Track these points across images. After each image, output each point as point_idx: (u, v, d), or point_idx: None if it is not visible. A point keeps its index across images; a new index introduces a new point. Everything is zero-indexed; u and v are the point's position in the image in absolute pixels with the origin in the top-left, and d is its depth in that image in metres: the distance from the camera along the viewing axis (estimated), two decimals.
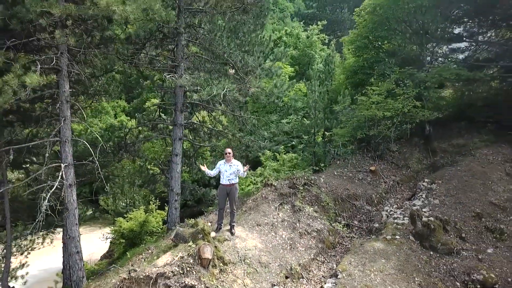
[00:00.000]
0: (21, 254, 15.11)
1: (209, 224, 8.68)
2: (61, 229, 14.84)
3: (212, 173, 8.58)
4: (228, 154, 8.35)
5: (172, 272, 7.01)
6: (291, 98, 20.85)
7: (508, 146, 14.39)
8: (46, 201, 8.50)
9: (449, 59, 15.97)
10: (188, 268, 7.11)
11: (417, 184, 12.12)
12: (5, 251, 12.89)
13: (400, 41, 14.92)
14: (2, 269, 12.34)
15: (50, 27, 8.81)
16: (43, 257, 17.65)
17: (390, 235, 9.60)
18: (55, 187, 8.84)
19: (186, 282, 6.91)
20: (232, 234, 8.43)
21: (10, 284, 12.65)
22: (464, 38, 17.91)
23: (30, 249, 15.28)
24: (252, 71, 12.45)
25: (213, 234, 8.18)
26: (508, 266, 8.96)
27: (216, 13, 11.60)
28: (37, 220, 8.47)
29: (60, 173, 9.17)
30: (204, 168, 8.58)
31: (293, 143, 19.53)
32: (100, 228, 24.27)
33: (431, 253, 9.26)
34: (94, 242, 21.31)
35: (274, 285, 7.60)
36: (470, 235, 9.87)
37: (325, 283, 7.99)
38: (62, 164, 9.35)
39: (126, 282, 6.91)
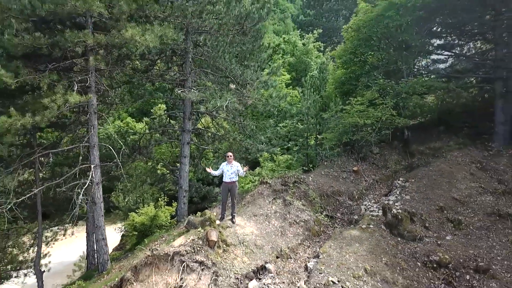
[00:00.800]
0: (46, 244, 17.01)
1: (215, 214, 10.48)
2: (72, 225, 16.80)
3: (216, 173, 10.42)
4: (229, 156, 10.19)
5: (185, 251, 8.84)
6: (287, 104, 22.65)
7: (476, 149, 16.22)
8: (81, 195, 10.34)
9: (431, 71, 17.77)
10: (198, 248, 8.95)
11: (393, 183, 13.95)
12: (37, 240, 14.80)
13: (383, 55, 16.73)
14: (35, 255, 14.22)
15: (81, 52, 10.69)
16: (56, 252, 19.43)
17: (365, 224, 11.43)
18: (87, 184, 10.70)
19: (197, 259, 8.74)
20: (233, 222, 10.28)
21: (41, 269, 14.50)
22: (444, 50, 19.80)
23: (54, 240, 17.20)
24: (250, 84, 14.30)
25: (217, 222, 10.02)
26: (462, 250, 10.78)
27: (219, 35, 13.43)
28: (74, 211, 10.30)
29: (90, 173, 11.02)
30: (209, 169, 10.44)
31: (289, 145, 21.35)
32: (111, 223, 26.18)
33: (399, 239, 11.09)
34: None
35: (267, 262, 9.43)
36: (432, 225, 11.70)
37: (309, 262, 9.83)
38: (91, 165, 11.19)
39: (150, 258, 8.75)
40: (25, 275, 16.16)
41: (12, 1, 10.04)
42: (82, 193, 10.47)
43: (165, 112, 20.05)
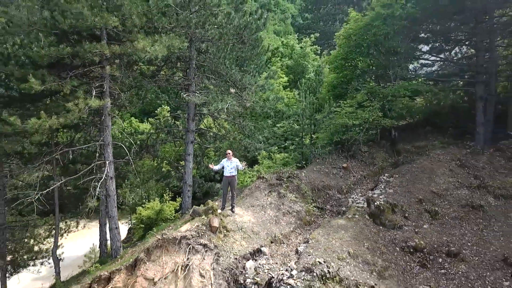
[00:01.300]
0: (61, 235, 18.32)
1: (217, 204, 11.78)
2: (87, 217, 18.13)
3: (217, 168, 11.72)
4: (229, 153, 11.51)
5: (191, 235, 10.14)
6: (284, 106, 23.96)
7: (458, 147, 17.49)
8: (98, 188, 11.66)
9: (417, 75, 19.07)
10: (202, 233, 10.26)
11: (379, 178, 15.23)
12: (52, 231, 16.14)
13: (372, 61, 18.00)
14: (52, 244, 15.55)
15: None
16: (65, 247, 20.67)
17: (351, 214, 12.72)
18: (103, 178, 12.02)
19: (201, 242, 10.05)
20: (233, 212, 11.58)
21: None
22: (430, 55, 21.07)
23: (67, 232, 18.52)
24: (249, 88, 15.60)
25: (219, 211, 11.33)
26: (436, 237, 12.07)
27: (220, 43, 14.73)
28: (91, 202, 11.61)
29: (106, 168, 12.34)
30: (211, 166, 11.76)
31: (286, 144, 22.65)
32: (118, 218, 27.51)
33: (380, 227, 12.38)
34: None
35: (262, 246, 10.73)
36: (412, 215, 12.98)
37: (299, 246, 11.13)
38: (106, 161, 12.51)
39: (160, 241, 10.07)
40: (41, 264, 17.47)
41: (37, 16, 11.39)
42: (99, 186, 11.78)
43: (169, 113, 21.34)
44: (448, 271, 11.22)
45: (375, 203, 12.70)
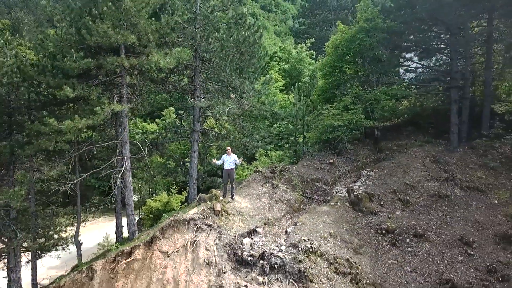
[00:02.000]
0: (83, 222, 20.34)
1: (219, 192, 13.82)
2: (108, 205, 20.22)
3: (219, 162, 13.76)
4: (228, 150, 13.57)
5: (198, 217, 12.18)
6: (280, 108, 25.99)
7: (434, 145, 19.51)
8: (119, 179, 13.71)
9: (399, 80, 21.11)
10: (207, 215, 12.29)
11: (361, 172, 17.26)
12: (73, 219, 18.20)
13: (358, 68, 20.01)
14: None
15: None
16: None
17: (334, 202, 14.76)
18: (122, 171, 14.07)
19: (206, 223, 12.08)
20: (233, 199, 13.61)
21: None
22: (412, 62, 23.11)
23: (85, 221, 20.55)
24: (247, 93, 17.64)
25: (221, 198, 13.38)
26: (406, 221, 14.07)
27: (222, 54, 16.76)
28: (113, 192, 13.65)
29: (124, 163, 14.39)
30: (214, 161, 13.83)
31: (282, 143, 24.69)
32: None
33: (358, 213, 14.41)
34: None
35: (257, 227, 12.75)
36: (386, 203, 14.99)
37: (288, 228, 13.17)
38: (124, 157, 14.56)
39: (172, 222, 12.12)
40: (63, 249, 19.50)
41: (67, 33, 13.47)
42: (119, 178, 13.85)
43: (174, 114, 23.40)
44: (413, 249, 13.25)
45: (355, 193, 14.74)
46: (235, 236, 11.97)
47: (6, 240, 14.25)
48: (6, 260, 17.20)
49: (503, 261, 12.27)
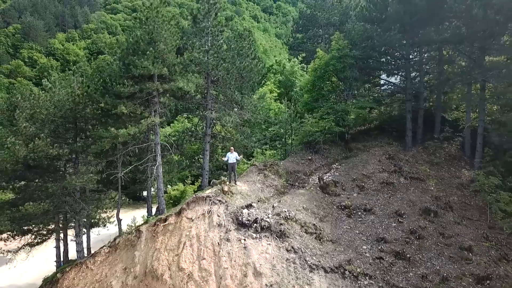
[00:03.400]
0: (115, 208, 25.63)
1: (226, 179, 19.11)
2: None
3: (225, 159, 19.07)
4: (231, 148, 18.87)
5: (212, 195, 17.42)
6: (274, 114, 31.32)
7: (392, 146, 24.72)
8: (154, 171, 19.03)
9: (366, 94, 26.39)
10: (218, 194, 17.55)
11: (331, 166, 22.54)
12: (114, 203, 23.52)
13: (333, 85, 25.26)
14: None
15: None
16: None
17: (308, 187, 20.03)
18: (157, 165, 19.38)
19: (218, 199, 17.32)
20: (235, 184, 18.90)
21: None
22: (379, 79, 28.41)
23: (123, 204, 25.81)
24: (246, 106, 22.96)
25: (227, 183, 18.71)
26: (360, 200, 19.22)
27: (227, 78, 22.07)
28: (149, 180, 18.94)
29: (157, 158, 19.70)
30: (222, 158, 19.18)
31: (275, 144, 30.02)
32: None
33: (326, 195, 19.61)
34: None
35: (253, 203, 17.99)
36: (347, 188, 20.20)
37: (274, 204, 18.44)
38: (157, 154, 19.88)
39: (194, 198, 17.43)
40: (104, 225, 24.80)
41: (117, 66, 18.80)
42: (154, 170, 19.19)
43: (189, 121, 28.75)
44: (363, 219, 18.45)
45: (324, 180, 20.02)
46: (237, 208, 17.24)
47: (73, 213, 19.50)
48: (61, 235, 22.55)
49: (422, 226, 17.48)
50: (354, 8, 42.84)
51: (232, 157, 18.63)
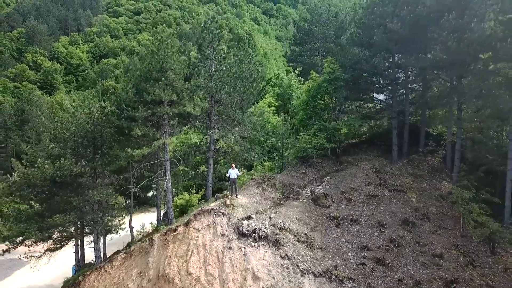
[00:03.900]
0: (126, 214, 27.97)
1: (228, 192, 21.40)
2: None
3: (227, 174, 21.37)
4: (232, 165, 21.16)
5: (216, 207, 19.69)
6: (273, 127, 33.61)
7: (377, 160, 26.99)
8: (165, 185, 21.32)
9: (355, 111, 28.72)
10: (221, 207, 19.83)
11: (323, 179, 24.84)
12: (126, 211, 25.81)
13: (325, 104, 27.61)
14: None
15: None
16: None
17: (302, 199, 22.33)
18: (167, 179, 21.68)
19: (221, 211, 19.61)
20: (236, 197, 21.18)
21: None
22: (368, 97, 30.72)
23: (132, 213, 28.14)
24: (246, 124, 25.27)
25: (229, 196, 21.01)
26: (347, 212, 21.48)
27: (229, 99, 24.38)
28: (159, 194, 21.26)
29: (167, 173, 21.99)
30: (224, 173, 21.49)
31: (272, 155, 32.31)
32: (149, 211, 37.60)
33: (317, 207, 21.89)
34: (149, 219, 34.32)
35: (252, 214, 20.29)
36: (336, 200, 22.50)
37: (271, 215, 20.74)
38: (167, 170, 22.16)
39: (200, 210, 19.74)
40: (117, 232, 27.08)
41: (131, 92, 21.11)
42: (165, 185, 21.49)
43: (193, 133, 31.08)
44: (349, 229, 20.73)
45: (315, 193, 22.33)
46: (238, 219, 19.53)
47: (92, 223, 21.80)
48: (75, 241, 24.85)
49: (400, 235, 19.76)
50: (349, 23, 45.24)
51: (233, 173, 20.91)
